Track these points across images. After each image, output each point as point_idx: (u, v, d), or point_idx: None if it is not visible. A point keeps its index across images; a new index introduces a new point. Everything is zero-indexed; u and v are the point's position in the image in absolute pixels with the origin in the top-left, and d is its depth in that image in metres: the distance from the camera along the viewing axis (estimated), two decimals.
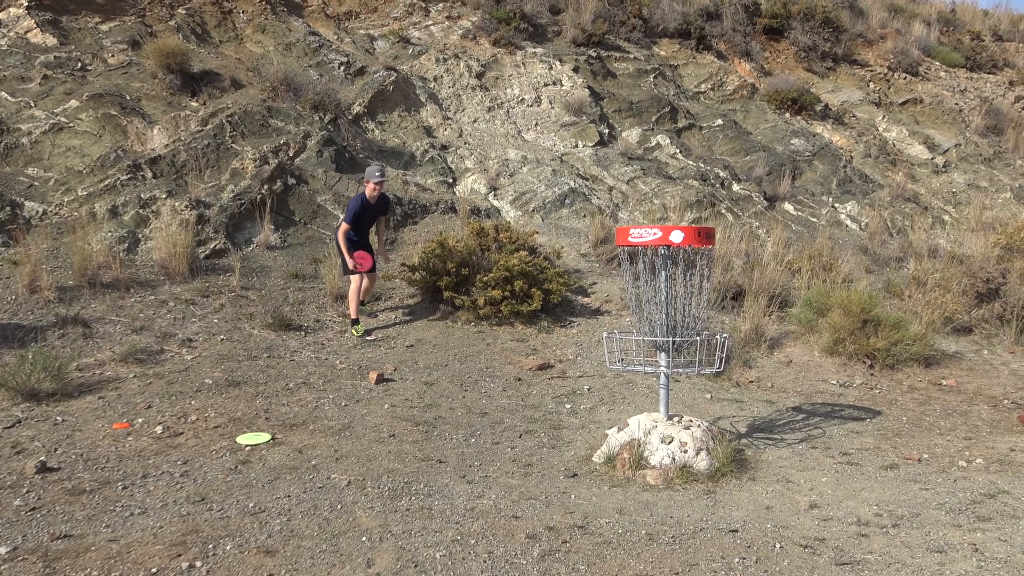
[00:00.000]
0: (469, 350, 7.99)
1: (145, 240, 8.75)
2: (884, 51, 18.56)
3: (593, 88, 14.40)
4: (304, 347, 7.71)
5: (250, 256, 9.07)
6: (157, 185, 9.31)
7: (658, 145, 13.72)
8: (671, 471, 5.28)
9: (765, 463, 5.69)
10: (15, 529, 4.21)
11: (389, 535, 4.28)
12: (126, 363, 6.88)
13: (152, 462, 5.26)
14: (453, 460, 5.54)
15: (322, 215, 9.95)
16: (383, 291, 8.99)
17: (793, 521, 4.64)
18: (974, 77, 19.00)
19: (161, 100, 10.78)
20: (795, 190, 13.44)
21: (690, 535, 4.39)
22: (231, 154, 10.10)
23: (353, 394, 6.71)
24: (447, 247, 8.77)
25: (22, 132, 9.61)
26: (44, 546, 4.03)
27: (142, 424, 5.86)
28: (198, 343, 7.41)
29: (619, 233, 5.66)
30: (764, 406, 7.09)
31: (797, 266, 10.22)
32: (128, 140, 9.93)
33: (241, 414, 6.13)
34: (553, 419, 6.50)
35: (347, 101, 12.02)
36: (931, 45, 19.35)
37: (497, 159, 12.16)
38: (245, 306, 8.22)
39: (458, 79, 13.67)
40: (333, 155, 10.67)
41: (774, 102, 15.77)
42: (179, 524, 4.32)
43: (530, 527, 4.42)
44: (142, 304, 7.87)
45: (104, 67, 11.12)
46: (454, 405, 6.67)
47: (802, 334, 8.70)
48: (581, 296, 9.38)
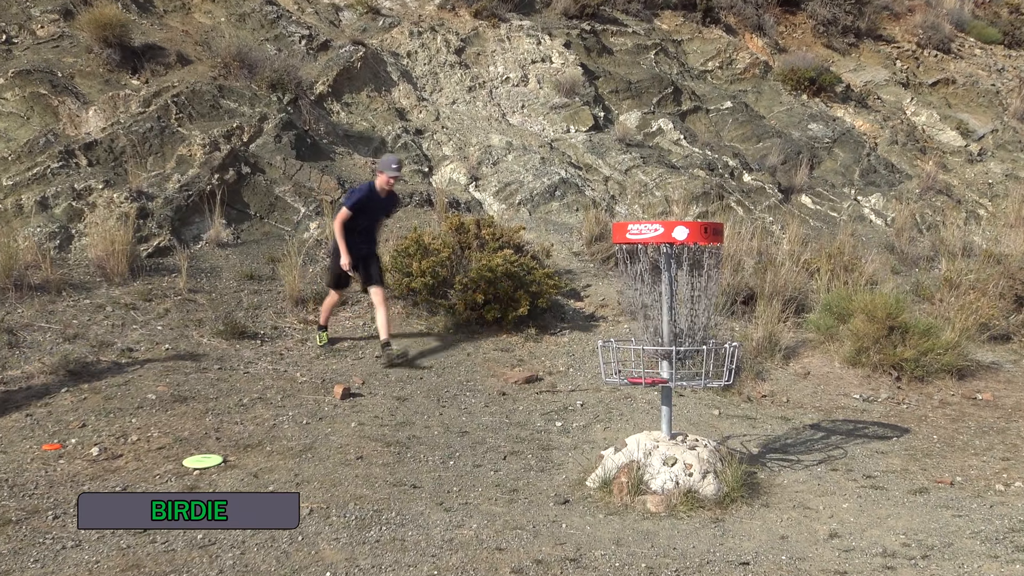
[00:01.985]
0: (447, 360, 7.99)
1: (79, 236, 8.70)
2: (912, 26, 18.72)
3: (587, 66, 14.44)
4: (260, 357, 7.69)
5: (199, 255, 9.04)
6: (93, 174, 9.26)
7: (660, 130, 13.78)
8: (674, 497, 5.31)
9: (780, 487, 5.72)
10: None
11: (357, 570, 4.28)
12: (57, 375, 6.83)
13: (87, 488, 5.23)
14: (429, 485, 5.54)
15: (280, 208, 9.93)
16: (349, 295, 8.98)
17: (811, 552, 4.67)
18: (1013, 55, 19.20)
19: (97, 78, 10.72)
20: (813, 181, 13.53)
21: (696, 568, 4.41)
22: (177, 139, 10.06)
23: (316, 411, 6.70)
24: (422, 245, 8.77)
25: None
26: None
27: (75, 445, 5.83)
28: (139, 353, 7.37)
29: (616, 229, 5.68)
30: (779, 423, 7.14)
31: (815, 266, 10.27)
32: (60, 123, 9.87)
33: (188, 434, 6.10)
34: (542, 438, 6.52)
35: (309, 79, 12.00)
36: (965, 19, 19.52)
37: (479, 145, 12.18)
38: (193, 311, 8.19)
39: (435, 55, 13.69)
40: (293, 140, 10.65)
41: (790, 82, 15.87)
42: (118, 559, 4.29)
43: (516, 560, 4.43)
44: (76, 309, 7.82)
45: (32, 40, 11.05)
46: (430, 423, 6.67)
47: (821, 342, 8.75)
48: (573, 300, 9.40)
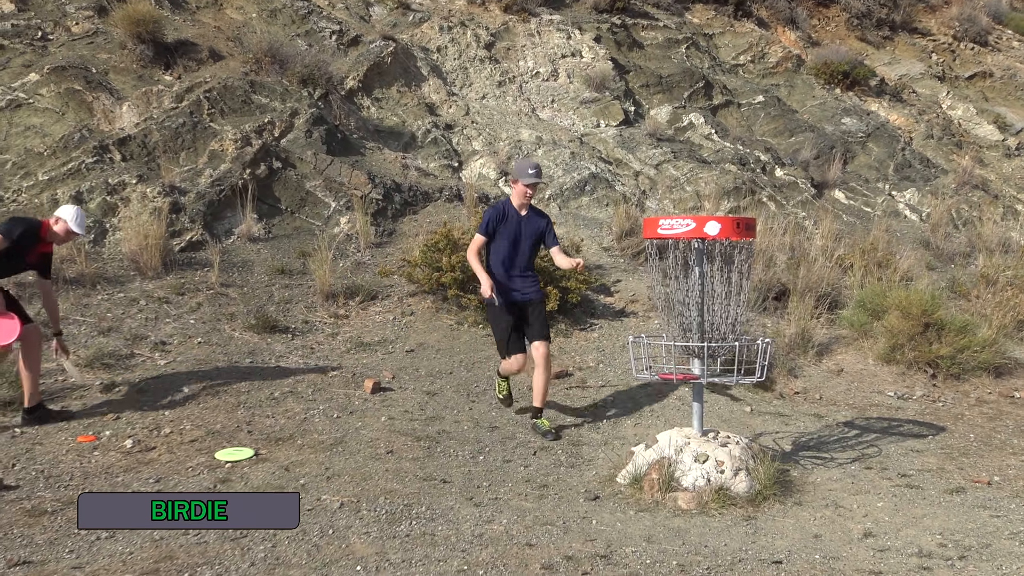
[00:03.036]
0: (477, 356, 7.99)
1: (113, 231, 8.79)
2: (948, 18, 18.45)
3: (617, 60, 14.38)
4: (291, 351, 7.73)
5: (230, 249, 9.10)
6: (126, 169, 9.35)
7: (691, 124, 13.69)
8: (706, 494, 5.27)
9: (813, 486, 5.66)
10: None
11: (387, 564, 4.28)
12: (92, 368, 6.91)
13: (121, 480, 5.28)
14: (459, 480, 5.55)
15: (311, 203, 9.97)
16: (379, 289, 9.00)
17: (845, 552, 4.62)
18: None
19: (131, 73, 10.83)
20: (846, 176, 13.39)
21: (727, 567, 4.37)
22: (209, 134, 10.13)
23: (346, 405, 6.73)
24: (452, 239, 8.77)
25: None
26: (1, 573, 4.05)
27: (110, 437, 5.89)
28: (172, 346, 7.44)
29: (647, 224, 5.64)
30: (811, 421, 7.07)
31: (849, 262, 10.18)
32: (94, 118, 9.98)
33: (220, 426, 6.15)
34: (571, 434, 6.50)
35: (339, 75, 12.05)
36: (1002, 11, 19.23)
37: (508, 140, 12.16)
38: (225, 305, 8.25)
39: (464, 50, 13.68)
40: (323, 135, 10.70)
41: (823, 76, 15.71)
42: (151, 550, 4.33)
43: (546, 556, 4.42)
44: (110, 303, 7.91)
45: (67, 36, 11.18)
46: (460, 418, 6.67)
47: (855, 339, 8.66)
48: (603, 295, 9.37)
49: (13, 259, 6.06)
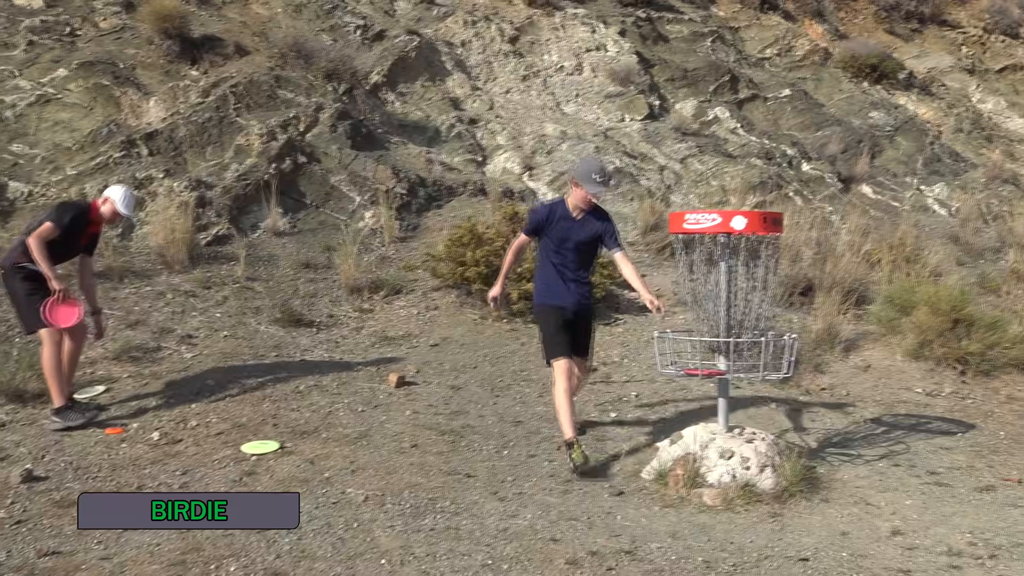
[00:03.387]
0: (501, 350, 7.99)
1: (140, 225, 8.86)
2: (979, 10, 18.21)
3: (642, 54, 14.30)
4: (316, 345, 7.76)
5: (256, 243, 9.15)
6: (153, 163, 9.42)
7: (716, 119, 13.60)
8: (731, 490, 5.24)
9: (840, 482, 5.62)
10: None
11: (411, 558, 4.29)
12: (120, 362, 6.97)
13: (148, 472, 5.32)
14: (483, 474, 5.55)
15: (336, 197, 10.00)
16: (404, 283, 9.02)
17: (873, 550, 4.58)
18: None
19: (158, 69, 10.90)
20: (874, 170, 13.26)
21: (753, 563, 4.34)
22: (235, 129, 10.18)
23: (371, 399, 6.74)
24: (476, 234, 8.76)
25: (5, 104, 9.77)
26: (30, 563, 4.10)
27: (137, 430, 5.94)
28: (199, 340, 7.49)
29: (672, 219, 5.62)
30: (838, 417, 7.01)
31: (876, 257, 10.09)
32: (122, 113, 10.05)
33: (246, 419, 6.18)
34: (596, 429, 6.48)
35: (364, 69, 12.06)
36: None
37: (533, 135, 12.14)
38: (251, 299, 8.29)
39: (489, 44, 13.66)
40: (348, 130, 10.72)
41: (850, 69, 15.56)
42: (178, 542, 4.36)
43: (570, 551, 4.41)
44: (137, 296, 7.97)
45: (95, 32, 11.26)
46: (484, 412, 6.67)
47: (882, 335, 8.58)
48: (628, 290, 9.32)
49: (67, 244, 6.08)
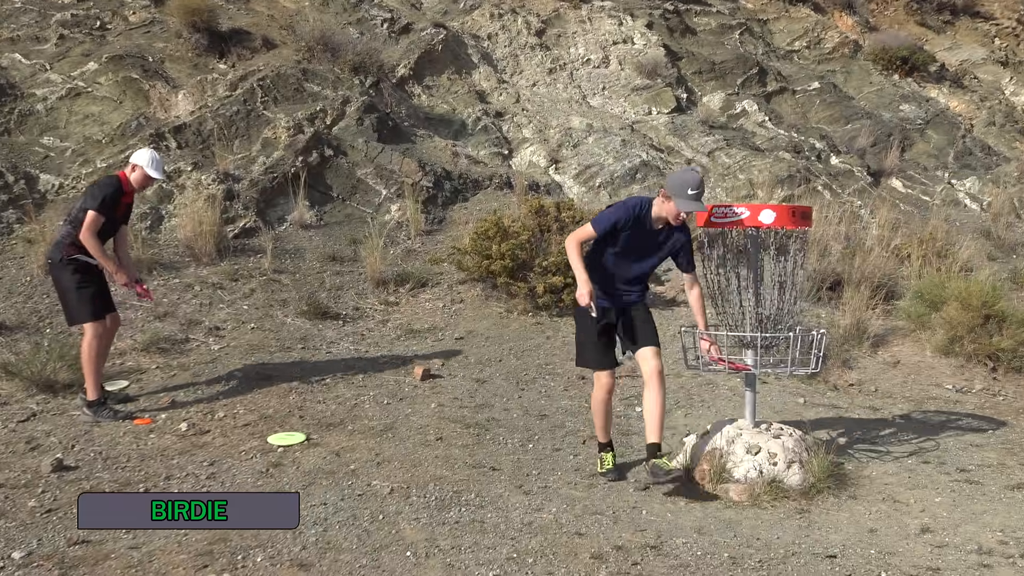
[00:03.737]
0: (526, 344, 7.98)
1: (169, 217, 8.93)
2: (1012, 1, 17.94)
3: (669, 47, 14.22)
4: (342, 338, 7.79)
5: (283, 236, 9.20)
6: (182, 156, 9.49)
7: (744, 112, 13.50)
8: (758, 486, 5.20)
9: (868, 479, 5.56)
10: (30, 532, 4.34)
11: (436, 551, 4.30)
12: (148, 353, 7.04)
13: (176, 462, 5.37)
14: (508, 468, 5.54)
15: (362, 190, 10.03)
16: (429, 276, 9.03)
17: (901, 547, 4.53)
18: None
19: (186, 62, 10.98)
20: (904, 164, 13.12)
21: (780, 560, 4.31)
22: (262, 122, 10.24)
23: (396, 391, 6.76)
24: (502, 227, 8.76)
25: (37, 98, 9.88)
26: (60, 551, 4.14)
27: (165, 420, 5.99)
28: (226, 331, 7.54)
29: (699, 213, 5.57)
30: (867, 413, 6.94)
31: (906, 252, 9.99)
32: (151, 106, 10.13)
33: (273, 411, 6.22)
34: (622, 424, 6.46)
35: (391, 62, 12.08)
36: None
37: (559, 128, 12.10)
38: (277, 291, 8.34)
39: (515, 37, 13.64)
40: (375, 123, 10.74)
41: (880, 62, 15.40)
42: (205, 532, 4.40)
43: (595, 546, 4.40)
44: (166, 288, 8.04)
45: (125, 25, 11.36)
46: (509, 405, 6.67)
47: (912, 331, 8.49)
48: (654, 284, 9.29)
49: (107, 222, 6.07)
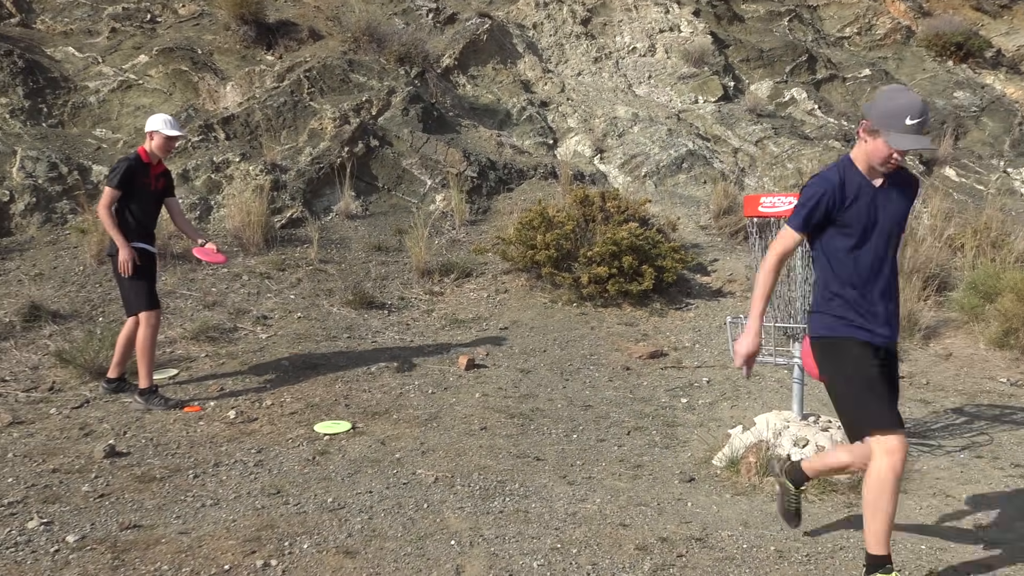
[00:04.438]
0: (571, 334, 7.96)
1: (217, 208, 9.05)
2: None
3: (716, 34, 14.05)
4: (387, 327, 7.84)
5: (329, 226, 9.27)
6: (230, 147, 9.60)
7: (792, 100, 13.30)
8: None
9: (919, 474, 5.47)
10: (83, 516, 4.44)
11: (480, 540, 4.31)
12: (198, 341, 7.15)
13: (225, 449, 5.45)
14: (552, 458, 5.54)
15: (407, 180, 10.07)
16: (474, 266, 9.04)
17: (953, 543, 4.45)
18: None
19: (234, 54, 11.09)
20: (958, 152, 12.83)
21: (828, 554, 4.26)
22: (309, 113, 10.32)
23: (441, 381, 6.79)
24: (547, 217, 8.74)
25: (89, 91, 10.06)
26: (113, 536, 4.23)
27: (214, 408, 6.09)
28: (273, 321, 7.63)
29: (747, 202, 5.51)
30: (917, 406, 6.82)
31: (959, 242, 9.78)
32: (200, 98, 10.26)
33: (319, 400, 6.29)
34: (666, 415, 6.42)
35: (436, 53, 12.10)
36: None
37: (604, 117, 12.03)
38: (323, 281, 8.41)
39: (560, 26, 13.57)
40: (420, 113, 10.77)
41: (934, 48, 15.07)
42: (253, 518, 4.46)
43: (640, 537, 4.38)
44: (214, 277, 8.15)
45: (174, 18, 11.51)
46: (553, 396, 6.66)
47: (965, 323, 8.32)
48: (700, 274, 9.21)
49: (142, 198, 6.11)
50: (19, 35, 10.55)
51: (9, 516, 4.42)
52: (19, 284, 7.67)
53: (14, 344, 6.87)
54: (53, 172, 8.79)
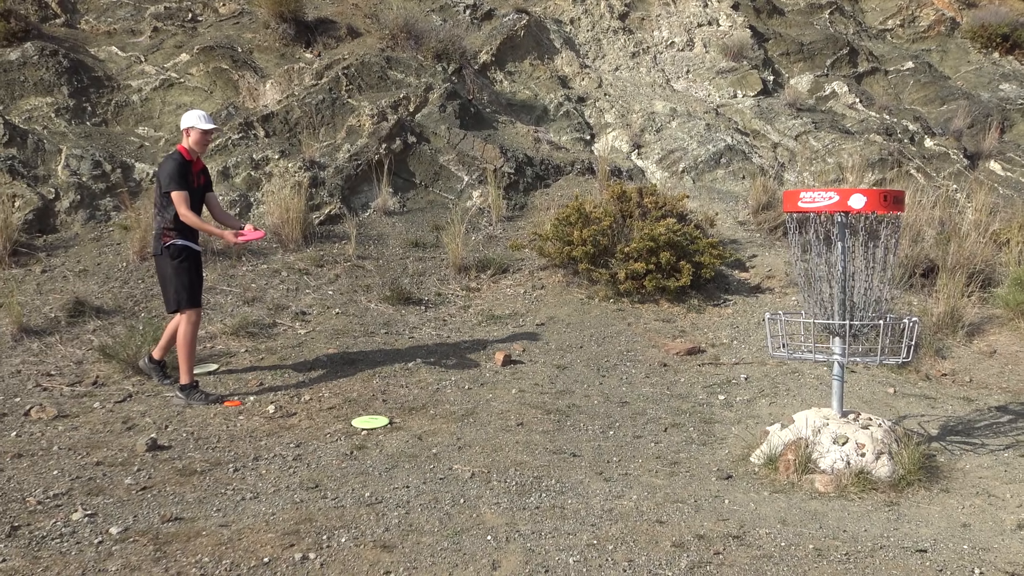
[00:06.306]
0: (607, 330, 7.94)
1: (257, 204, 9.14)
2: None
3: (756, 28, 13.92)
4: (424, 323, 7.87)
5: (367, 222, 9.33)
6: (269, 145, 9.70)
7: (833, 93, 13.14)
8: (845, 477, 5.08)
9: (961, 472, 5.39)
10: (126, 509, 4.52)
11: (516, 535, 4.32)
12: (237, 337, 7.23)
13: (264, 444, 5.51)
14: (588, 454, 5.54)
15: (444, 177, 10.10)
16: (511, 262, 9.06)
17: (996, 543, 4.38)
18: None
19: (274, 52, 11.20)
20: (1004, 146, 12.59)
21: (868, 553, 4.21)
22: (347, 110, 10.39)
23: (477, 376, 6.81)
24: (584, 213, 8.72)
25: (132, 89, 10.21)
26: (155, 528, 4.30)
27: (254, 403, 6.16)
28: (312, 316, 7.70)
29: (786, 197, 5.46)
30: (960, 404, 6.72)
31: (1005, 237, 9.61)
32: (240, 96, 10.38)
33: (357, 395, 6.33)
34: (704, 411, 6.39)
35: (473, 49, 12.11)
36: None
37: (641, 112, 11.97)
38: (361, 277, 8.47)
39: (598, 21, 13.52)
40: (457, 110, 10.80)
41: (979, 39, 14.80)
42: (292, 512, 4.51)
43: (677, 534, 4.36)
44: (254, 273, 8.24)
45: (215, 17, 11.65)
46: (590, 392, 6.65)
47: (1009, 319, 8.17)
48: (738, 270, 9.14)
49: (192, 195, 6.18)
50: (64, 35, 10.74)
51: (54, 508, 4.51)
52: (64, 280, 7.82)
53: (59, 339, 7.01)
54: (97, 170, 8.95)
